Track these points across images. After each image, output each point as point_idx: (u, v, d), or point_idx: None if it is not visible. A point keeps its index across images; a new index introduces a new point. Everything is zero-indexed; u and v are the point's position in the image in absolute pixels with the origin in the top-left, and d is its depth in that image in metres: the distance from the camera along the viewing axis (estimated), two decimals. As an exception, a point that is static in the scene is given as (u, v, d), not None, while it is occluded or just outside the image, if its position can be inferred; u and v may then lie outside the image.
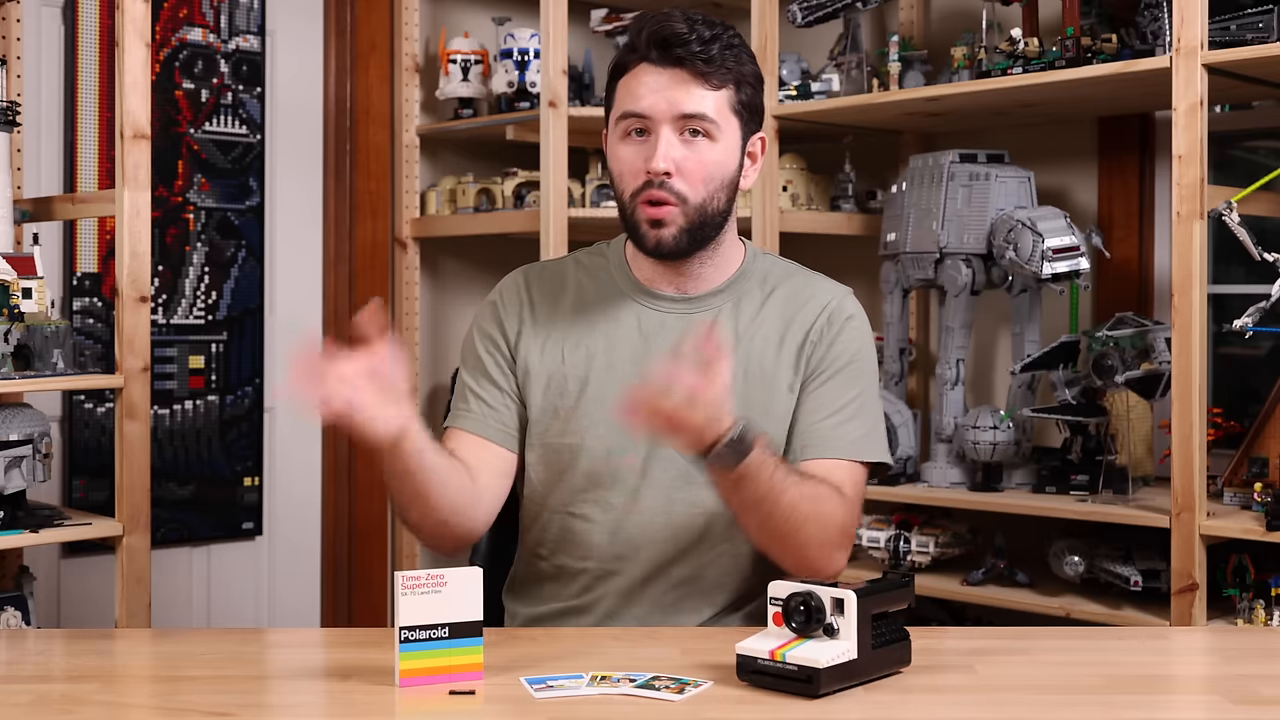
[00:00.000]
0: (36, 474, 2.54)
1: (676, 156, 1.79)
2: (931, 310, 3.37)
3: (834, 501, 1.78)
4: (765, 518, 1.73)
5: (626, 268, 1.94)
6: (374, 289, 3.61)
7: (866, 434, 1.87)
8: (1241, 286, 3.05)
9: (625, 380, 1.86)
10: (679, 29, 1.79)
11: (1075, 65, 2.72)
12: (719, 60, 1.79)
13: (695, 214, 1.82)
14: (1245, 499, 2.62)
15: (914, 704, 1.49)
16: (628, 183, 1.83)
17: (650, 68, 1.81)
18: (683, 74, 1.79)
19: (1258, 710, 1.47)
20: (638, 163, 1.81)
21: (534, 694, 1.48)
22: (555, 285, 1.96)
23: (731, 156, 1.84)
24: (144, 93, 2.62)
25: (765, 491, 1.69)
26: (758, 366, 1.87)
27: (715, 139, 1.81)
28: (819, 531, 1.75)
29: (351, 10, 3.58)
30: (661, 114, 1.79)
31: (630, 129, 1.82)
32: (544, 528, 1.92)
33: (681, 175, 1.80)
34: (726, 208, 1.86)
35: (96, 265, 3.24)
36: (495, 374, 1.93)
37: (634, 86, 1.82)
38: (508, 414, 1.92)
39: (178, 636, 1.83)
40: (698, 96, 1.79)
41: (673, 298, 1.91)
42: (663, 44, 1.79)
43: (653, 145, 1.80)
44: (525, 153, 3.42)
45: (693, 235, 1.83)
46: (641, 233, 1.83)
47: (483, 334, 1.96)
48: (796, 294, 1.91)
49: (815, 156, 3.42)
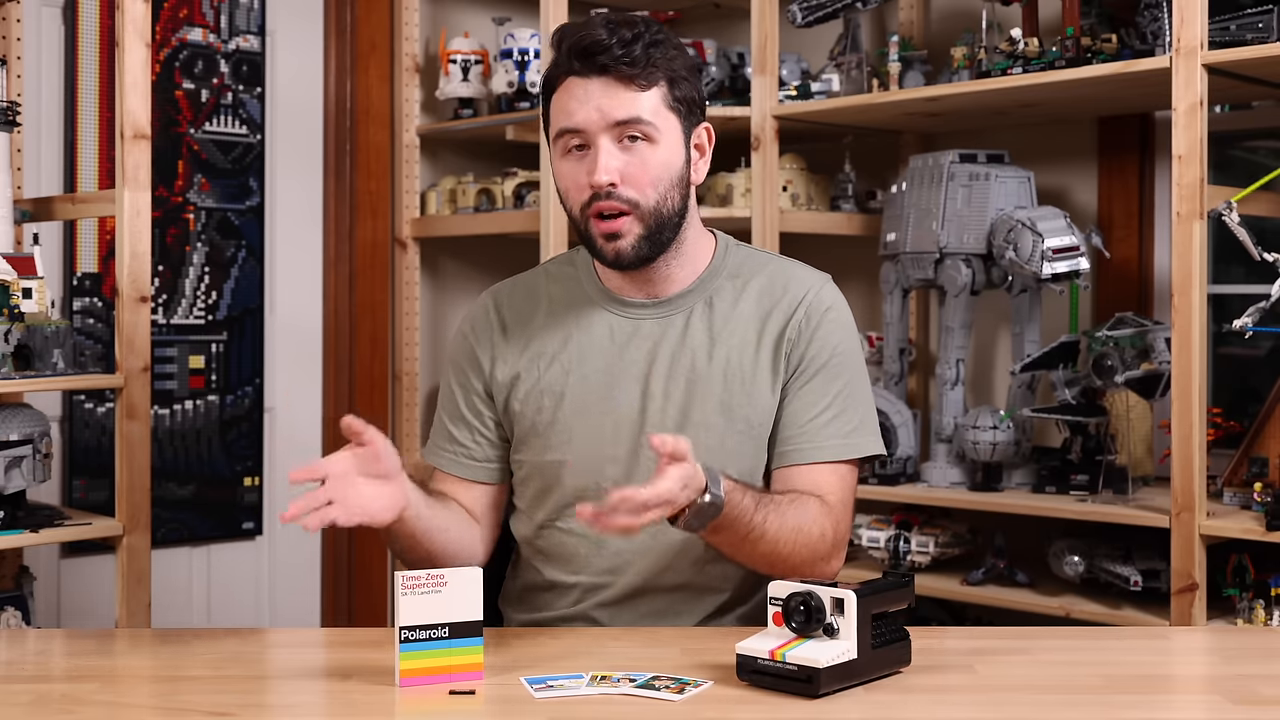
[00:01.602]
0: (36, 474, 2.53)
1: (618, 165, 1.76)
2: (931, 310, 3.37)
3: (819, 519, 1.76)
4: (749, 555, 1.74)
5: (595, 276, 1.92)
6: (374, 289, 3.61)
7: (855, 428, 1.85)
8: (1241, 286, 3.05)
9: (600, 390, 1.85)
10: (599, 36, 1.75)
11: (1075, 65, 2.72)
12: (644, 60, 1.76)
13: (650, 218, 1.79)
14: (1245, 499, 2.62)
15: (914, 704, 1.49)
16: (574, 199, 1.81)
17: (577, 80, 1.78)
18: (609, 80, 1.76)
19: (1258, 710, 1.47)
20: (580, 177, 1.79)
21: (534, 694, 1.48)
22: (526, 302, 1.94)
23: (676, 154, 1.81)
24: (144, 93, 2.62)
25: (745, 534, 1.69)
26: (736, 368, 1.84)
27: (655, 140, 1.78)
28: (807, 552, 1.75)
29: (351, 10, 3.58)
30: (595, 125, 1.76)
31: (569, 145, 1.80)
32: (536, 540, 1.92)
33: (628, 183, 1.77)
34: (682, 206, 1.82)
35: (96, 265, 3.24)
36: (467, 412, 1.92)
37: (565, 102, 1.79)
38: (482, 450, 1.92)
39: (178, 636, 1.83)
40: (628, 101, 1.76)
41: (643, 303, 1.88)
42: (584, 54, 1.76)
43: (593, 158, 1.77)
44: (525, 153, 3.42)
45: (651, 240, 1.80)
46: (599, 248, 1.81)
47: (455, 368, 1.95)
48: (772, 286, 1.88)
49: (815, 156, 3.42)
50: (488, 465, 1.92)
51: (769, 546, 1.71)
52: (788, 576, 1.74)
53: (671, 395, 1.84)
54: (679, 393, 1.84)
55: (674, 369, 1.85)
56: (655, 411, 1.84)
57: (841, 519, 1.81)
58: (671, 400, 1.84)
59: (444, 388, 1.97)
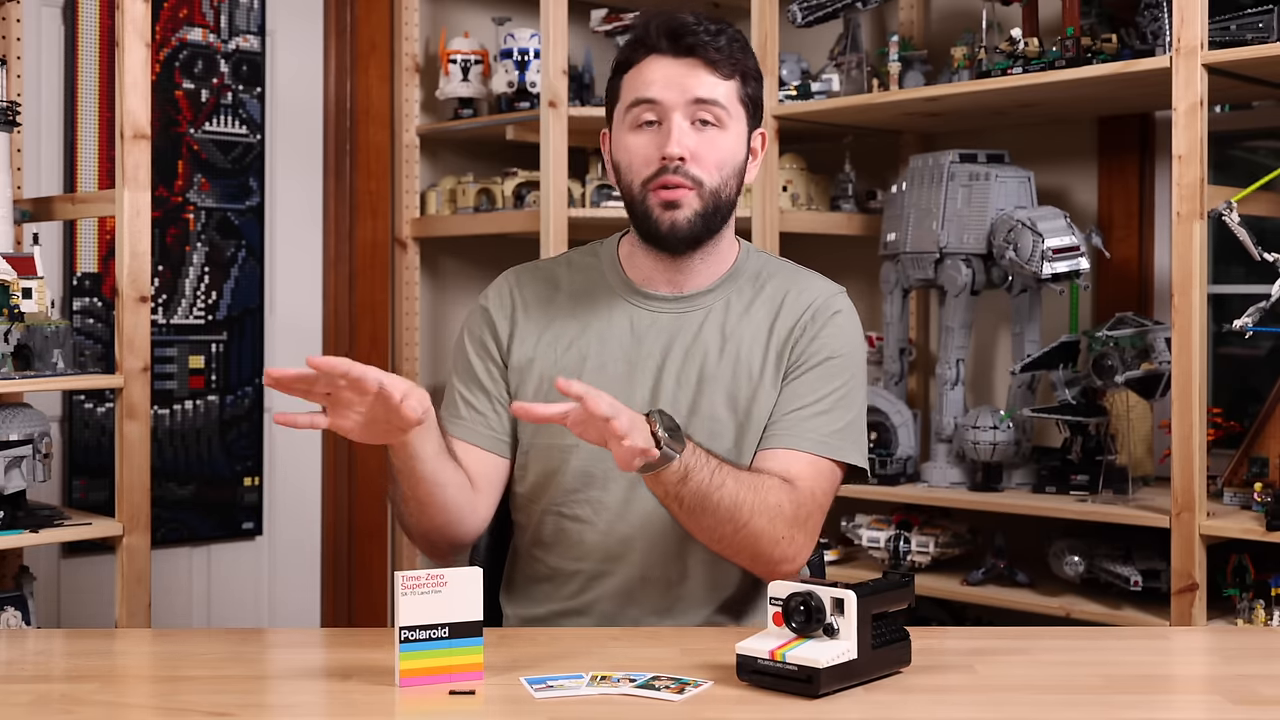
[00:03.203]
0: (36, 474, 2.54)
1: (690, 143, 1.81)
2: (931, 310, 3.37)
3: (777, 490, 1.76)
4: (711, 520, 1.72)
5: (619, 267, 1.94)
6: (374, 289, 3.61)
7: (839, 431, 1.85)
8: (1241, 286, 3.05)
9: (616, 380, 1.86)
10: (688, 21, 1.83)
11: (1075, 65, 2.72)
12: (728, 51, 1.83)
13: (710, 199, 1.83)
14: (1245, 499, 2.62)
15: (914, 704, 1.49)
16: (639, 172, 1.84)
17: (660, 58, 1.83)
18: (694, 62, 1.82)
19: (1258, 710, 1.47)
20: (650, 150, 1.82)
21: (534, 694, 1.48)
22: (546, 285, 1.96)
23: (740, 145, 1.86)
24: (144, 93, 2.62)
25: (706, 488, 1.69)
26: (745, 366, 1.87)
27: (725, 127, 1.83)
28: (768, 525, 1.74)
29: (351, 10, 3.58)
30: (674, 100, 1.81)
31: (641, 117, 1.83)
32: (537, 528, 1.92)
33: (695, 161, 1.81)
34: (735, 198, 1.88)
35: (96, 265, 3.24)
36: (486, 380, 1.93)
37: (645, 75, 1.83)
38: (498, 421, 1.92)
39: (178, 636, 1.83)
40: (710, 83, 1.82)
41: (664, 297, 1.90)
42: (673, 34, 1.82)
43: (665, 132, 1.81)
44: (525, 153, 3.42)
45: (706, 221, 1.84)
46: (654, 218, 1.83)
47: (474, 339, 1.95)
48: (786, 292, 1.91)
49: (815, 156, 3.42)
50: (501, 438, 1.92)
51: (730, 507, 1.71)
52: (752, 560, 1.76)
53: (682, 388, 1.86)
54: (689, 386, 1.86)
55: (686, 363, 1.87)
56: (665, 403, 1.85)
57: (804, 502, 1.79)
58: (682, 392, 1.86)
59: (459, 359, 1.96)
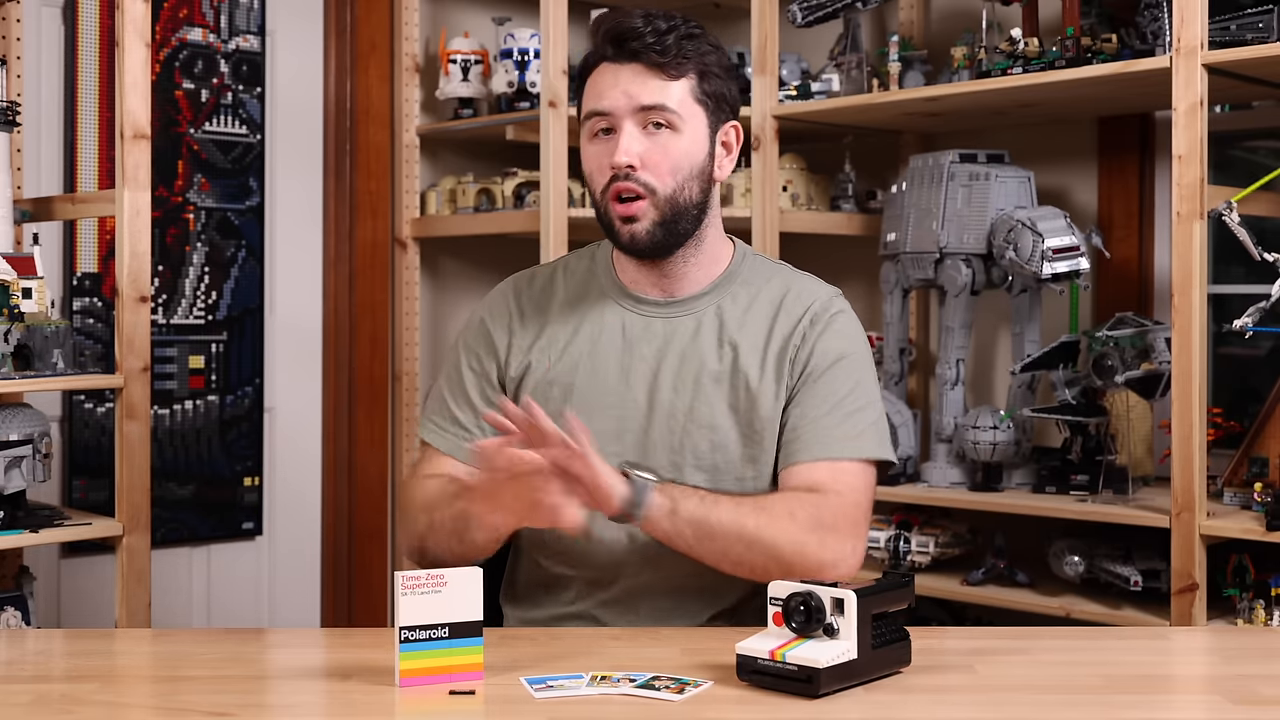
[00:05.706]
0: (36, 474, 2.54)
1: (639, 149, 1.80)
2: (931, 310, 3.37)
3: (790, 499, 1.75)
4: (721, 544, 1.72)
5: (612, 271, 1.94)
6: (374, 289, 3.61)
7: (860, 431, 1.83)
8: (1241, 286, 3.05)
9: (610, 385, 1.86)
10: (634, 24, 1.81)
11: (1075, 65, 2.72)
12: (674, 50, 1.80)
13: (666, 205, 1.82)
14: (1245, 499, 2.62)
15: (914, 704, 1.49)
16: (597, 182, 1.85)
17: (609, 65, 1.83)
18: (639, 67, 1.81)
19: (1258, 710, 1.47)
20: (603, 159, 1.83)
21: (534, 694, 1.48)
22: (543, 292, 1.96)
23: (699, 146, 1.84)
24: (144, 93, 2.62)
25: (700, 513, 1.70)
26: (743, 371, 1.85)
27: (679, 129, 1.82)
28: (782, 533, 1.72)
29: (351, 10, 3.58)
30: (621, 109, 1.81)
31: (596, 128, 1.84)
32: (536, 534, 1.91)
33: (646, 167, 1.81)
34: (700, 199, 1.85)
35: (96, 265, 3.24)
36: (476, 398, 1.92)
37: (597, 85, 1.84)
38: (481, 438, 1.91)
39: (178, 636, 1.83)
40: (655, 88, 1.80)
41: (656, 301, 1.90)
42: (617, 40, 1.82)
43: (616, 141, 1.81)
44: (525, 153, 3.42)
45: (667, 228, 1.83)
46: (615, 230, 1.84)
47: (469, 351, 1.95)
48: (782, 296, 1.90)
49: (815, 156, 3.42)
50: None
51: (733, 528, 1.71)
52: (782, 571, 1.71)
53: (679, 394, 1.85)
54: (687, 392, 1.85)
55: (683, 369, 1.86)
56: (662, 409, 1.85)
57: (829, 505, 1.76)
58: (679, 399, 1.85)
59: (451, 368, 1.96)
